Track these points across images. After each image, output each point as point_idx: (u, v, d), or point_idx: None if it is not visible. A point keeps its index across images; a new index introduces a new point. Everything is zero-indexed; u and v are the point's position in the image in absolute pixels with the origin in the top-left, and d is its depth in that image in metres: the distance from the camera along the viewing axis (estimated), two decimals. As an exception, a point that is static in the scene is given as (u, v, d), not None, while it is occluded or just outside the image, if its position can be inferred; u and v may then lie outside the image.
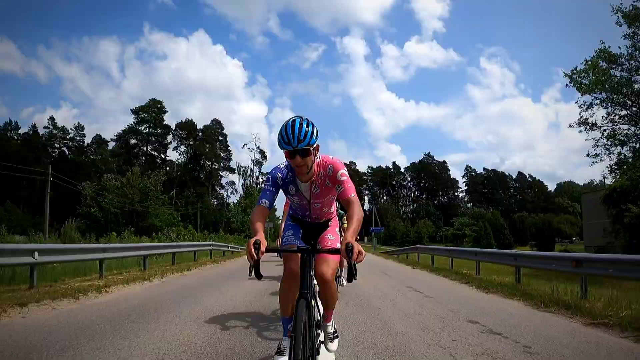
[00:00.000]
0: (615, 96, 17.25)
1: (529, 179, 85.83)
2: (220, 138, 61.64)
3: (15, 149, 55.61)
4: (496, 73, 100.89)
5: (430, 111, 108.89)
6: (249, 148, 76.49)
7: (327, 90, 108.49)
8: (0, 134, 59.14)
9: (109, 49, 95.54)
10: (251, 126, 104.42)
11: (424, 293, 5.90)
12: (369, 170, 78.37)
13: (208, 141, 57.97)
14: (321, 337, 2.41)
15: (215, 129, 60.83)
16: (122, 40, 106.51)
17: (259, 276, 1.99)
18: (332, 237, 2.53)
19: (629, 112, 17.38)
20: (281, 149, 2.09)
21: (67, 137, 58.23)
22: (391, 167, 78.12)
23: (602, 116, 17.48)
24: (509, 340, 3.15)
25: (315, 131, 2.08)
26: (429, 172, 77.07)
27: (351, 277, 1.91)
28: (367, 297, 5.28)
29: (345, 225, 6.34)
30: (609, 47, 17.11)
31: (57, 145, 58.34)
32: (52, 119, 58.32)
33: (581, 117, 17.84)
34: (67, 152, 58.75)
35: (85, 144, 60.63)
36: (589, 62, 17.31)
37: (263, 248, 1.87)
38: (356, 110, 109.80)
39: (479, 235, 40.70)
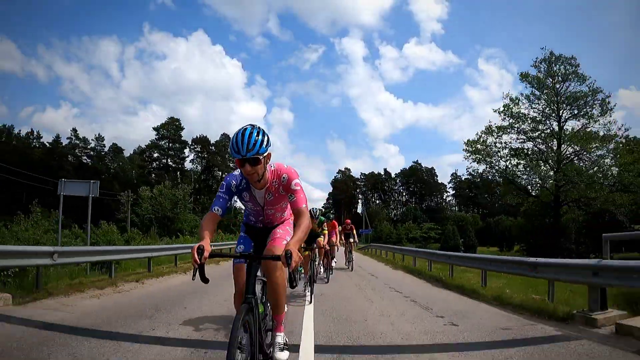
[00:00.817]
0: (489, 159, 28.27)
1: (513, 184, 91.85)
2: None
3: (39, 157, 61.11)
4: (494, 74, 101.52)
5: (428, 112, 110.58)
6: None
7: (326, 91, 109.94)
8: (23, 142, 64.58)
9: (109, 48, 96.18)
10: None
11: (367, 270, 11.99)
12: (362, 177, 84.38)
13: (219, 154, 64.54)
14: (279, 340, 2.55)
15: (226, 142, 67.11)
16: (122, 40, 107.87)
17: (204, 280, 2.04)
18: (281, 231, 2.62)
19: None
20: (232, 157, 2.19)
21: (88, 146, 63.98)
22: (382, 173, 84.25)
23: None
24: (417, 303, 6.11)
25: (265, 140, 2.15)
26: (418, 177, 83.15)
27: (291, 282, 2.01)
28: (335, 272, 11.24)
29: (325, 231, 7.91)
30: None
31: (78, 154, 63.98)
32: (74, 130, 64.07)
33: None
34: (86, 160, 64.37)
35: (103, 152, 66.34)
36: (473, 140, 28.46)
37: (206, 253, 1.97)
38: (355, 110, 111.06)
39: (447, 237, 46.96)
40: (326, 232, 8.23)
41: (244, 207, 2.67)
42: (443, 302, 6.10)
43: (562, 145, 26.67)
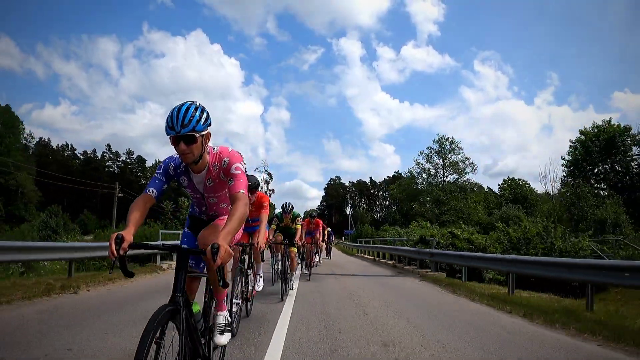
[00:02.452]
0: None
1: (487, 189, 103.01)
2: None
3: (78, 168, 72.34)
4: (490, 76, 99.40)
5: (424, 112, 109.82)
6: (259, 170, 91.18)
7: (324, 91, 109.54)
8: (60, 155, 75.78)
9: (108, 47, 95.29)
10: (247, 125, 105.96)
11: (335, 257, 24.45)
12: (350, 184, 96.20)
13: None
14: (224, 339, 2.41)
15: (238, 158, 78.99)
16: (122, 39, 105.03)
17: (127, 274, 1.75)
18: (222, 219, 2.36)
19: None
20: (166, 134, 1.95)
21: (119, 159, 75.67)
22: (368, 181, 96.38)
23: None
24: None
25: (204, 117, 1.96)
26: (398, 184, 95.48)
27: (223, 281, 1.70)
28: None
29: (298, 226, 6.79)
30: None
31: (110, 165, 75.65)
32: (108, 145, 75.49)
33: None
34: (116, 170, 75.96)
35: (130, 164, 77.95)
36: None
37: (125, 244, 1.67)
38: (351, 110, 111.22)
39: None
40: (299, 226, 7.04)
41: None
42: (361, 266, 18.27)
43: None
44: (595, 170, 43.41)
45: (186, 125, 1.92)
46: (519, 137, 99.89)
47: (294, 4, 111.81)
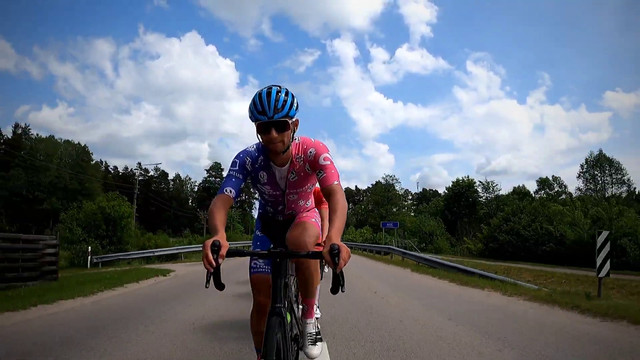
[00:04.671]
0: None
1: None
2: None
3: (113, 181, 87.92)
4: (482, 76, 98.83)
5: (417, 112, 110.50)
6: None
7: (318, 92, 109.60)
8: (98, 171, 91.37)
9: (104, 48, 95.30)
10: (242, 125, 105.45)
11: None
12: None
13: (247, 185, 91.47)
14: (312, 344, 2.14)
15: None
16: (118, 40, 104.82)
17: (219, 286, 1.54)
18: (306, 214, 2.20)
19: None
20: (252, 121, 1.76)
21: (148, 175, 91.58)
22: (353, 188, 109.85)
23: None
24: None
25: (295, 102, 1.77)
26: (379, 189, 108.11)
27: (337, 287, 1.47)
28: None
29: None
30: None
31: (140, 179, 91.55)
32: (139, 164, 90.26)
33: None
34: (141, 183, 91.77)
35: (154, 178, 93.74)
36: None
37: (223, 251, 1.48)
38: (345, 110, 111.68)
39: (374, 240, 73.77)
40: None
41: (259, 197, 2.22)
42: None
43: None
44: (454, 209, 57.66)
45: (279, 110, 1.72)
46: (512, 136, 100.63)
47: (288, 6, 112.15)
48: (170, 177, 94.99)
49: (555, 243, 27.67)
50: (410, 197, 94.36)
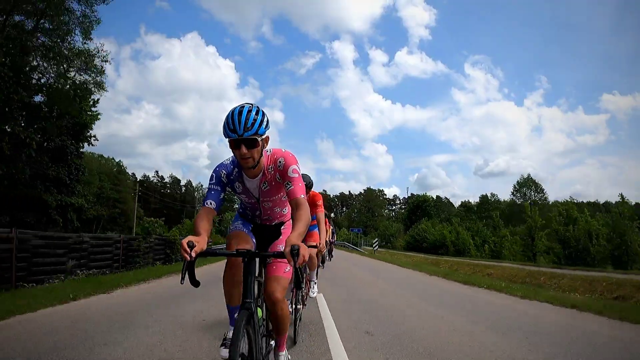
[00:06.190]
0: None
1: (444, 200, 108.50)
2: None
3: (134, 189, 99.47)
4: (480, 78, 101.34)
5: (416, 113, 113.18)
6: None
7: (317, 93, 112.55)
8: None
9: (105, 49, 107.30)
10: None
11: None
12: (334, 197, 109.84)
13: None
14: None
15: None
16: (119, 41, 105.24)
17: (195, 283, 1.71)
18: (285, 212, 2.40)
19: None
20: (225, 137, 1.92)
21: (163, 181, 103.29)
22: (351, 188, 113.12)
23: None
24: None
25: (265, 120, 1.92)
26: (370, 195, 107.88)
27: (298, 283, 1.70)
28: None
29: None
30: None
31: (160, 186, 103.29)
32: (156, 172, 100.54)
33: None
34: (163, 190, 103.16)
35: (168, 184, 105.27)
36: None
37: (198, 248, 1.67)
38: (344, 111, 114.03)
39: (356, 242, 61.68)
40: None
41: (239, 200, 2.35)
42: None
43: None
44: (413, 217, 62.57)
45: (249, 129, 1.86)
46: (510, 138, 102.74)
47: (289, 9, 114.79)
48: (182, 182, 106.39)
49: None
50: (398, 202, 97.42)
